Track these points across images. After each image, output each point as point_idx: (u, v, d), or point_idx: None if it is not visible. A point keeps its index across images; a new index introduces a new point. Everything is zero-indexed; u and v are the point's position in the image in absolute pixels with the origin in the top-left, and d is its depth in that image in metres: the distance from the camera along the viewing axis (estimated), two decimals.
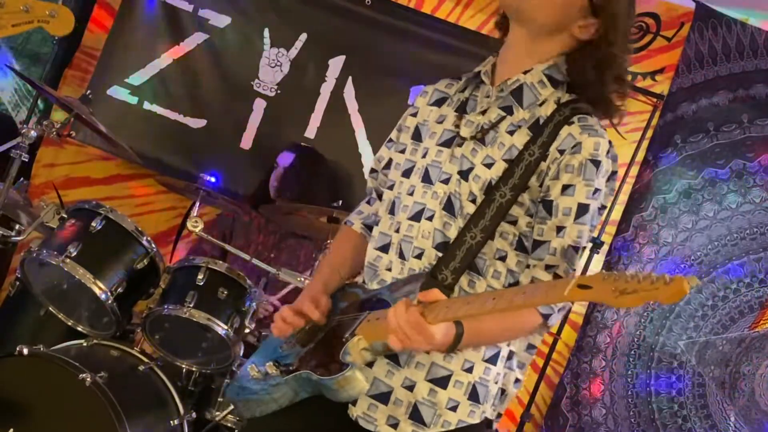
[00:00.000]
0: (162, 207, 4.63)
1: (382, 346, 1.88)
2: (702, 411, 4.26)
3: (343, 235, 2.27)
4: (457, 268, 1.91)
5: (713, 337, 4.26)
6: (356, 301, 2.06)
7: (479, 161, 1.95)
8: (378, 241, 2.06)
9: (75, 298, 3.32)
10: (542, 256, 1.91)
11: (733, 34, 4.31)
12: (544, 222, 1.91)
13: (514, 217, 1.92)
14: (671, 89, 4.34)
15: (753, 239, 4.25)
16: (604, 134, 1.92)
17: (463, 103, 2.05)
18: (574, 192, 1.89)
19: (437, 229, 1.95)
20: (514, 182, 1.90)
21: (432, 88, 2.16)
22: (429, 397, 1.95)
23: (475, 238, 1.90)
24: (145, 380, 3.25)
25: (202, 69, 4.57)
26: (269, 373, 2.03)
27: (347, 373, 1.86)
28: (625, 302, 1.44)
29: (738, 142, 4.29)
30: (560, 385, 4.39)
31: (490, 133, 1.96)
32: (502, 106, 1.99)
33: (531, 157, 1.90)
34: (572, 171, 1.89)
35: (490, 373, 1.98)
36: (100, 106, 4.37)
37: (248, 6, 4.58)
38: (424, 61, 4.50)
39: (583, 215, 1.89)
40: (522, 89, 1.97)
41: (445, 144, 2.01)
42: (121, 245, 3.25)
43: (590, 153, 1.89)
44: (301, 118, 4.56)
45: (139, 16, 4.58)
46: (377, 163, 2.22)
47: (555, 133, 1.90)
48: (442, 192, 1.97)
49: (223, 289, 3.23)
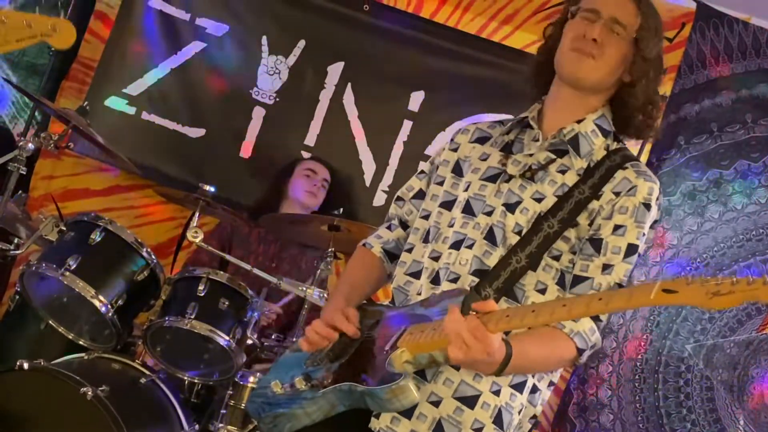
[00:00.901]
0: (162, 218, 4.60)
1: (426, 359, 1.86)
2: (711, 415, 4.22)
3: (360, 257, 2.28)
4: (500, 288, 1.95)
5: (721, 340, 4.23)
6: (385, 318, 2.05)
7: (528, 196, 2.01)
8: (410, 267, 2.10)
9: (75, 311, 3.31)
10: (581, 292, 1.94)
11: (735, 33, 4.28)
12: (590, 259, 1.96)
13: (559, 252, 1.98)
14: (674, 90, 4.31)
15: (759, 240, 4.22)
16: (656, 180, 2.02)
17: (508, 144, 2.12)
18: (625, 232, 1.96)
19: (476, 256, 2.00)
20: (563, 216, 1.97)
21: (473, 126, 2.23)
22: (454, 415, 1.95)
23: (520, 262, 1.96)
24: (147, 393, 3.23)
25: (200, 78, 4.54)
26: (299, 388, 2.01)
27: (401, 383, 1.83)
28: (721, 303, 1.48)
29: (742, 142, 4.25)
30: (567, 391, 4.35)
31: (540, 172, 2.04)
32: (551, 150, 2.06)
33: (581, 195, 1.98)
34: (625, 212, 1.97)
35: (516, 401, 1.99)
36: (97, 117, 4.34)
37: (246, 14, 4.56)
38: (424, 66, 4.49)
39: (631, 255, 1.96)
40: (578, 138, 2.05)
41: (490, 179, 2.07)
42: (121, 257, 3.24)
43: (644, 197, 1.98)
44: (300, 125, 4.54)
45: (136, 26, 4.55)
46: (406, 192, 2.27)
47: (608, 176, 1.99)
48: (484, 223, 2.02)
49: (224, 299, 3.21)
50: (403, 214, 2.25)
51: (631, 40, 2.02)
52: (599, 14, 2.01)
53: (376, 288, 2.26)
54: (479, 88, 4.45)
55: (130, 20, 4.55)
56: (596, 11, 2.01)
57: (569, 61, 2.04)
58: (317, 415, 2.00)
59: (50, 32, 2.42)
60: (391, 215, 2.29)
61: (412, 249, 2.12)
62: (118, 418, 2.89)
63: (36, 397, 2.96)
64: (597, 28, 2.00)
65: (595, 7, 2.02)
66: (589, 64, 2.01)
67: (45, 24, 2.42)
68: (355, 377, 1.92)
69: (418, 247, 2.11)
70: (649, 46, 2.02)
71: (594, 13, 2.02)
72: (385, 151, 4.49)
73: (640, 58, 2.02)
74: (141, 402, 3.20)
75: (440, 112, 4.45)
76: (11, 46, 2.44)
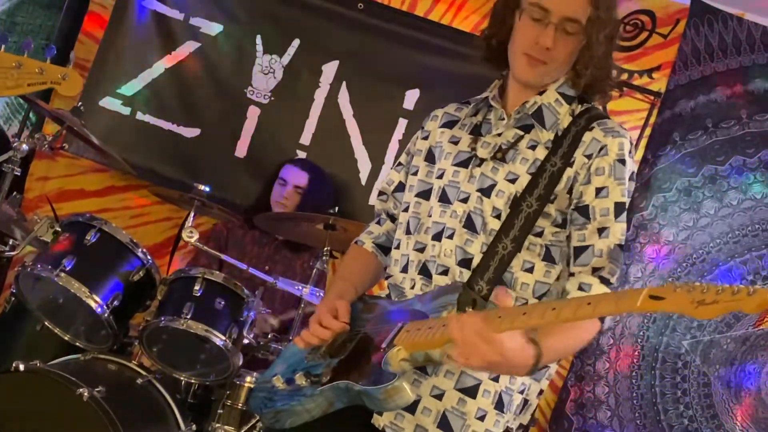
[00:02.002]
0: (157, 218, 4.60)
1: (422, 357, 1.87)
2: (708, 411, 4.22)
3: (353, 254, 2.29)
4: (491, 279, 1.95)
5: (717, 336, 4.23)
6: (384, 312, 2.06)
7: (502, 177, 1.99)
8: (401, 262, 2.10)
9: (71, 313, 3.29)
10: (587, 262, 1.93)
11: (729, 29, 4.28)
12: (584, 227, 1.95)
13: (540, 228, 1.97)
14: (668, 86, 4.32)
15: (755, 236, 4.22)
16: (625, 133, 1.99)
17: (476, 126, 2.10)
18: (609, 193, 1.94)
19: (458, 246, 1.99)
20: (540, 192, 1.95)
21: (441, 111, 2.22)
22: (458, 407, 1.96)
23: (506, 248, 1.95)
24: (144, 393, 3.21)
25: (195, 77, 4.54)
26: (299, 384, 2.02)
27: (395, 383, 1.83)
28: (705, 313, 1.47)
29: (737, 138, 4.25)
30: (564, 388, 4.35)
31: (510, 151, 2.01)
32: (518, 126, 2.04)
33: (553, 168, 1.96)
34: (603, 173, 1.95)
35: (515, 382, 2.00)
36: (92, 118, 4.34)
37: (240, 13, 4.55)
38: (419, 65, 4.48)
39: (621, 213, 1.95)
40: (541, 110, 2.02)
41: (462, 164, 2.05)
42: (117, 258, 3.23)
43: (617, 153, 1.95)
44: (295, 124, 4.53)
45: (130, 26, 4.54)
46: (387, 186, 2.26)
47: (577, 142, 1.97)
48: (461, 210, 2.01)
49: (220, 299, 3.20)
50: (390, 208, 2.26)
51: (583, 30, 1.96)
52: (549, 14, 1.94)
53: (374, 282, 2.26)
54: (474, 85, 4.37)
55: (124, 20, 4.54)
56: (546, 10, 1.95)
57: (520, 66, 2.01)
58: (316, 411, 2.00)
59: (59, 80, 2.64)
60: (378, 210, 2.30)
61: (399, 244, 2.12)
62: (114, 419, 2.88)
63: (32, 398, 2.94)
64: (549, 35, 1.94)
65: (544, 5, 1.95)
66: (541, 70, 1.99)
67: (56, 73, 2.64)
68: (353, 375, 1.92)
69: (403, 240, 2.11)
70: (603, 28, 1.96)
71: (544, 12, 1.95)
72: (380, 149, 4.49)
73: (595, 41, 1.96)
74: (137, 403, 3.19)
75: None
76: (23, 89, 2.67)
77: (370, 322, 2.04)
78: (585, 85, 2.01)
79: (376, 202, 2.30)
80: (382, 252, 2.24)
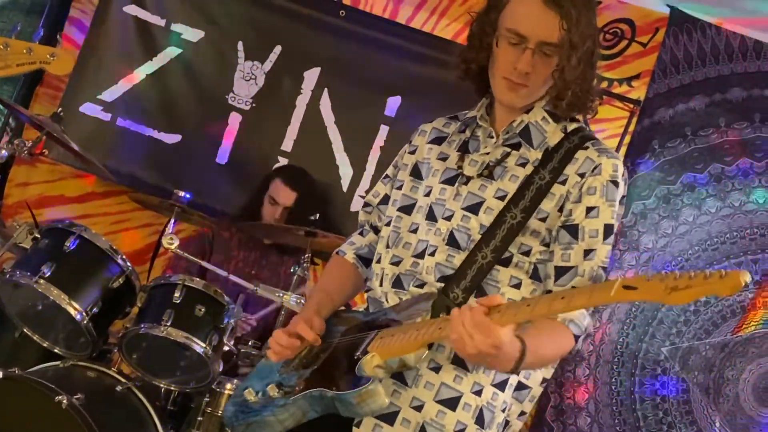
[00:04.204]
0: (138, 224, 4.59)
1: (396, 363, 1.87)
2: (687, 417, 4.24)
3: (334, 264, 2.28)
4: (467, 287, 1.93)
5: (696, 343, 4.25)
6: (358, 323, 2.06)
7: (491, 195, 1.99)
8: (380, 276, 2.08)
9: (50, 319, 3.28)
10: (567, 282, 1.93)
11: (708, 38, 4.31)
12: (570, 247, 1.94)
13: (528, 247, 1.95)
14: (648, 95, 4.34)
15: (733, 243, 4.25)
16: (618, 156, 1.99)
17: (465, 143, 2.09)
18: (599, 213, 1.94)
19: (439, 263, 1.98)
20: (525, 204, 1.94)
21: (429, 126, 2.21)
22: (437, 419, 1.95)
23: (486, 258, 1.94)
24: (124, 401, 3.20)
25: (176, 84, 4.53)
26: (271, 395, 2.01)
27: (370, 387, 1.83)
28: (679, 298, 1.46)
29: (716, 146, 4.29)
30: (544, 395, 4.36)
31: (498, 168, 2.01)
32: (507, 144, 2.03)
33: (542, 181, 1.95)
34: (595, 193, 1.94)
35: (498, 399, 1.99)
36: (72, 124, 4.31)
37: (221, 19, 4.55)
38: (401, 72, 4.49)
39: (609, 236, 1.95)
40: (528, 129, 2.02)
41: (448, 182, 2.05)
42: (96, 264, 3.22)
43: (611, 174, 1.95)
44: (277, 131, 4.53)
45: (110, 32, 4.53)
46: (373, 198, 2.25)
47: (568, 158, 1.96)
48: (444, 228, 2.00)
49: (200, 306, 3.19)
50: (374, 220, 2.25)
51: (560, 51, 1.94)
52: (526, 40, 1.94)
53: (353, 294, 2.26)
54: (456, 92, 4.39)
55: (104, 26, 4.53)
56: (522, 36, 1.94)
57: (501, 90, 2.00)
58: (289, 422, 1.99)
59: (48, 60, 2.61)
60: (361, 222, 2.29)
61: (381, 258, 2.11)
62: (93, 426, 2.87)
63: (11, 405, 2.94)
64: (527, 60, 1.94)
65: (520, 31, 1.94)
66: (522, 93, 1.99)
67: (44, 53, 2.63)
68: (326, 383, 1.91)
69: (384, 255, 2.10)
70: (575, 51, 1.94)
71: (520, 37, 1.94)
72: (362, 156, 4.49)
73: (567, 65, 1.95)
74: (117, 410, 3.18)
75: (417, 117, 4.36)
76: (12, 70, 2.66)
77: (344, 334, 2.04)
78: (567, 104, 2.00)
79: (360, 213, 2.29)
80: (363, 264, 2.23)
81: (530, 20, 1.94)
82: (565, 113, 2.03)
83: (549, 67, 1.96)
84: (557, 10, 1.92)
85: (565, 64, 1.94)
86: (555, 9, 1.92)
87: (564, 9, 1.92)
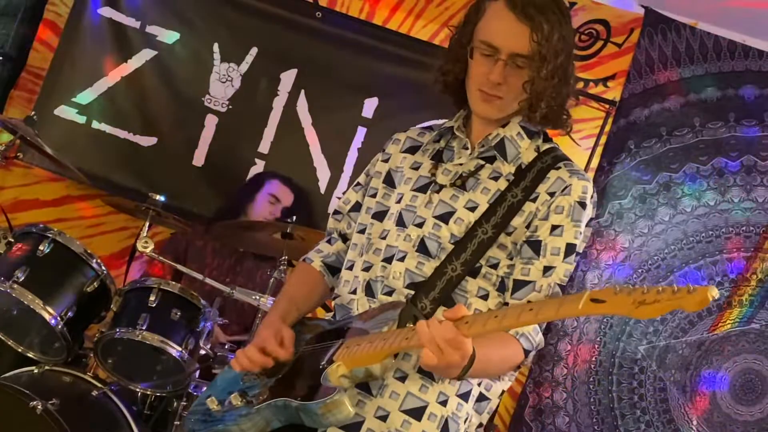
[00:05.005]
0: (114, 227, 4.56)
1: (362, 373, 1.85)
2: (664, 416, 4.26)
3: (300, 272, 2.26)
4: (436, 298, 1.94)
5: (673, 341, 4.28)
6: (323, 332, 2.04)
7: (461, 205, 1.99)
8: (352, 284, 2.07)
9: (24, 324, 3.25)
10: (524, 296, 1.94)
11: (682, 38, 4.34)
12: (530, 262, 1.95)
13: (497, 260, 1.97)
14: (623, 95, 4.37)
15: (709, 242, 4.28)
16: (589, 179, 2.01)
17: (439, 152, 2.10)
18: (563, 232, 1.95)
19: (408, 270, 1.98)
20: (497, 221, 1.95)
21: (404, 135, 2.22)
22: (402, 429, 1.93)
23: (455, 270, 1.95)
24: (99, 406, 3.18)
25: (151, 86, 4.51)
26: (233, 404, 1.99)
27: (335, 397, 1.81)
28: (647, 313, 1.47)
29: (691, 146, 4.31)
30: (523, 395, 4.38)
31: (471, 180, 2.02)
32: (481, 156, 2.04)
33: (514, 199, 1.97)
34: (561, 212, 1.95)
35: (462, 410, 1.98)
36: (47, 127, 4.29)
37: (197, 21, 4.53)
38: (378, 73, 4.49)
39: (570, 255, 1.96)
40: (503, 143, 2.03)
41: (420, 189, 2.05)
42: (70, 269, 3.20)
43: (579, 195, 1.97)
44: (254, 133, 4.52)
45: (85, 34, 4.50)
46: (343, 205, 2.25)
47: (541, 177, 1.98)
48: (414, 235, 2.00)
49: (176, 310, 3.18)
50: (343, 228, 2.24)
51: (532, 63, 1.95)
52: (498, 51, 1.95)
53: (318, 303, 2.24)
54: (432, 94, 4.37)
55: (79, 28, 4.50)
56: (495, 48, 1.95)
57: (476, 101, 2.02)
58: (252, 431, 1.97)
59: None
60: (330, 229, 2.27)
61: (353, 265, 2.10)
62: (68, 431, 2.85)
63: None
64: (499, 72, 1.95)
65: (492, 43, 1.95)
66: (495, 105, 2.00)
67: None
68: (290, 392, 1.90)
69: (357, 262, 2.09)
70: (545, 64, 1.95)
71: (493, 49, 1.95)
72: (339, 158, 4.49)
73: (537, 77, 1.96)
74: (92, 415, 3.16)
75: (394, 118, 4.44)
76: None
77: (309, 342, 2.02)
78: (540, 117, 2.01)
79: (330, 221, 2.28)
80: (330, 272, 2.22)
81: (502, 32, 1.96)
82: (539, 126, 2.04)
83: (521, 78, 1.97)
84: (528, 22, 1.93)
85: (535, 75, 1.95)
86: (526, 22, 1.93)
87: (535, 22, 1.94)
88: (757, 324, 4.23)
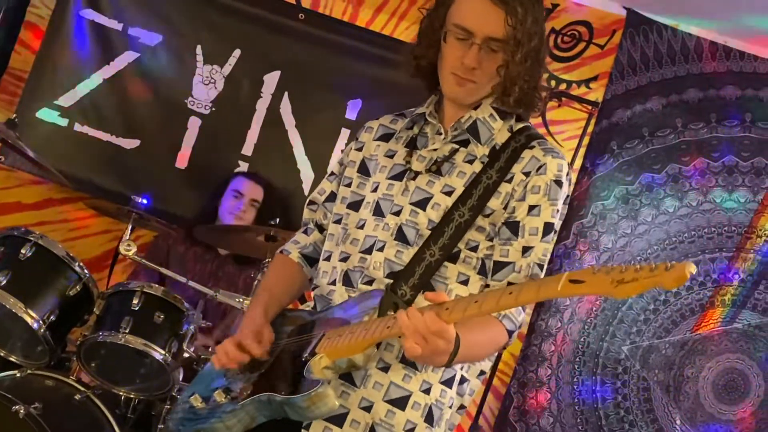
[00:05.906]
0: (96, 231, 4.53)
1: (345, 363, 1.86)
2: (648, 415, 4.28)
3: (278, 264, 2.26)
4: (415, 285, 1.94)
5: (656, 341, 4.30)
6: (304, 323, 2.04)
7: (438, 190, 1.99)
8: (330, 275, 2.07)
9: (6, 328, 3.23)
10: (504, 277, 1.95)
11: (664, 40, 4.36)
12: (509, 243, 1.96)
13: (476, 242, 1.97)
14: (605, 96, 4.38)
15: (691, 242, 4.30)
16: (564, 156, 2.01)
17: (412, 139, 2.10)
18: (540, 212, 1.96)
19: (387, 259, 1.98)
20: (473, 203, 1.95)
21: (377, 123, 2.22)
22: (386, 419, 1.94)
23: (434, 255, 1.95)
24: (82, 410, 3.16)
25: (134, 88, 4.48)
26: (218, 401, 1.99)
27: (319, 390, 1.81)
28: (625, 291, 1.47)
29: (673, 146, 4.34)
30: (507, 395, 4.39)
31: (446, 164, 2.02)
32: (455, 141, 2.04)
33: (489, 180, 1.96)
34: (538, 192, 1.96)
35: (446, 396, 1.99)
36: (29, 130, 4.27)
37: (179, 23, 4.51)
38: (361, 75, 4.49)
39: (548, 234, 1.97)
40: (476, 125, 2.03)
41: (396, 177, 2.05)
42: (53, 272, 3.18)
43: (555, 174, 1.97)
44: (237, 135, 4.51)
45: (67, 37, 4.47)
46: (318, 195, 2.24)
47: (515, 158, 1.98)
48: (393, 223, 2.00)
49: (159, 313, 3.17)
50: (319, 218, 2.24)
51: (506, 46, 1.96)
52: (473, 35, 1.95)
53: (297, 294, 2.24)
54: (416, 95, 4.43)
55: (61, 30, 4.47)
56: (469, 32, 1.96)
57: (449, 85, 2.02)
58: (237, 427, 1.98)
59: None
60: (306, 219, 2.27)
61: (330, 256, 2.10)
62: None
63: None
64: (473, 56, 1.95)
65: (467, 27, 1.96)
66: (468, 88, 2.00)
67: None
68: (274, 387, 1.90)
69: (334, 252, 2.09)
70: (520, 48, 1.95)
71: (467, 33, 1.96)
72: (323, 159, 4.48)
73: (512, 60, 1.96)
74: (76, 419, 3.14)
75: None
76: None
77: (291, 335, 2.03)
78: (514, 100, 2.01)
79: (305, 211, 2.28)
80: (308, 263, 2.22)
81: (476, 16, 1.96)
82: (512, 109, 2.04)
83: (495, 62, 1.97)
84: (503, 6, 1.94)
85: (509, 59, 1.96)
86: (500, 5, 1.94)
87: (509, 6, 1.94)
88: (740, 323, 4.26)
